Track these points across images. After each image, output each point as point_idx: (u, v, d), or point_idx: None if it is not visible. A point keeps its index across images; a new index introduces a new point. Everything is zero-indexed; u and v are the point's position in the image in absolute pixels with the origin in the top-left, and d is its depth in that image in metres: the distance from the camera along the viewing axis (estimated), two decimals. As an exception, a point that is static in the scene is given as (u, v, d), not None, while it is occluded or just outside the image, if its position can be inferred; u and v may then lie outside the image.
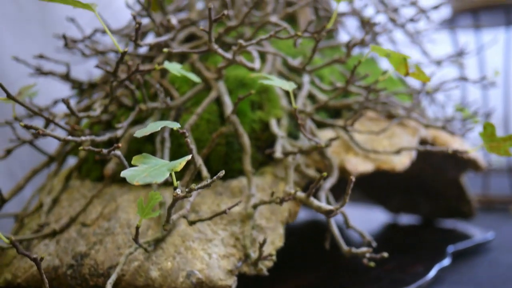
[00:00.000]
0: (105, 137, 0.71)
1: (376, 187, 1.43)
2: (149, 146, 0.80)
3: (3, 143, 0.92)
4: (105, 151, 0.61)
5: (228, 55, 0.73)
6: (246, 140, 0.77)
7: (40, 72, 0.92)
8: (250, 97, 0.83)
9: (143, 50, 1.00)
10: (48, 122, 0.72)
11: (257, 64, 0.79)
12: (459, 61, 1.16)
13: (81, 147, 0.61)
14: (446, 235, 1.20)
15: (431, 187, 1.29)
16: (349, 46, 0.80)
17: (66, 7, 1.52)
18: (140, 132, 0.58)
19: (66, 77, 0.92)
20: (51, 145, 1.05)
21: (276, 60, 0.90)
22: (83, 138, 0.66)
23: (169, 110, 0.80)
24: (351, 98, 0.91)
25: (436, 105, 1.27)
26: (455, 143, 0.98)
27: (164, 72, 0.86)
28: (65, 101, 0.69)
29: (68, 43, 0.82)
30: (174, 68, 0.69)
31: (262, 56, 0.90)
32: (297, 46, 0.77)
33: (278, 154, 0.75)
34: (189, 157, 0.55)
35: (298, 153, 0.74)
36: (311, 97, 0.89)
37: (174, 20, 0.79)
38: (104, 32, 0.95)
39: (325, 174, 0.62)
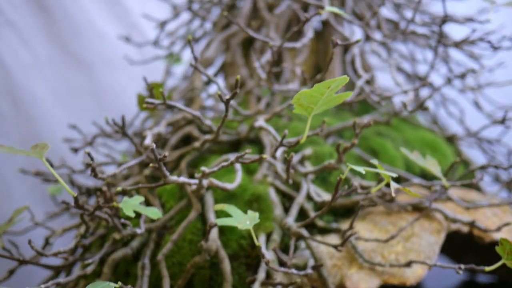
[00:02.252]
0: (73, 276, 0.68)
1: (447, 242, 1.30)
2: (136, 268, 0.77)
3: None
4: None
5: (194, 181, 0.67)
6: (227, 266, 0.70)
7: (44, 179, 0.92)
8: (239, 209, 0.76)
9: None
10: (37, 254, 0.71)
11: (238, 179, 0.73)
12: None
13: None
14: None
15: (505, 248, 1.14)
16: (339, 151, 0.71)
17: (113, 79, 1.54)
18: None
19: (71, 182, 0.92)
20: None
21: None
22: (42, 286, 0.64)
23: (151, 232, 0.76)
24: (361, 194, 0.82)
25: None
26: (497, 232, 0.83)
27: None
28: (31, 245, 0.67)
29: (54, 165, 0.81)
30: (130, 206, 0.64)
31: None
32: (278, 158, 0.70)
33: (256, 286, 0.67)
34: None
35: (278, 285, 0.66)
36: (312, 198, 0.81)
37: (148, 140, 0.74)
38: (106, 136, 0.93)
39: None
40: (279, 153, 0.71)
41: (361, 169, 0.62)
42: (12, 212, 0.83)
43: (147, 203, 0.80)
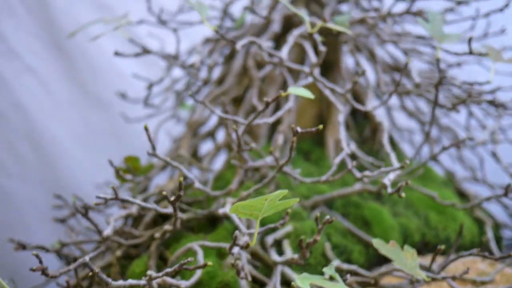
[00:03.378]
0: None
1: None
2: None
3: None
4: None
5: (144, 283, 0.65)
6: None
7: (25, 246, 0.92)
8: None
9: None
10: None
11: (196, 275, 0.70)
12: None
13: None
14: None
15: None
16: (302, 246, 0.66)
17: (133, 118, 1.53)
18: None
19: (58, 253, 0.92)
20: None
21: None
22: None
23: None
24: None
25: None
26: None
27: (124, 269, 0.80)
28: None
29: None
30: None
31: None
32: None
33: None
34: None
35: None
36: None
37: (108, 230, 0.72)
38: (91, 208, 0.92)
39: None
40: (235, 250, 0.67)
41: (307, 285, 0.57)
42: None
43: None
